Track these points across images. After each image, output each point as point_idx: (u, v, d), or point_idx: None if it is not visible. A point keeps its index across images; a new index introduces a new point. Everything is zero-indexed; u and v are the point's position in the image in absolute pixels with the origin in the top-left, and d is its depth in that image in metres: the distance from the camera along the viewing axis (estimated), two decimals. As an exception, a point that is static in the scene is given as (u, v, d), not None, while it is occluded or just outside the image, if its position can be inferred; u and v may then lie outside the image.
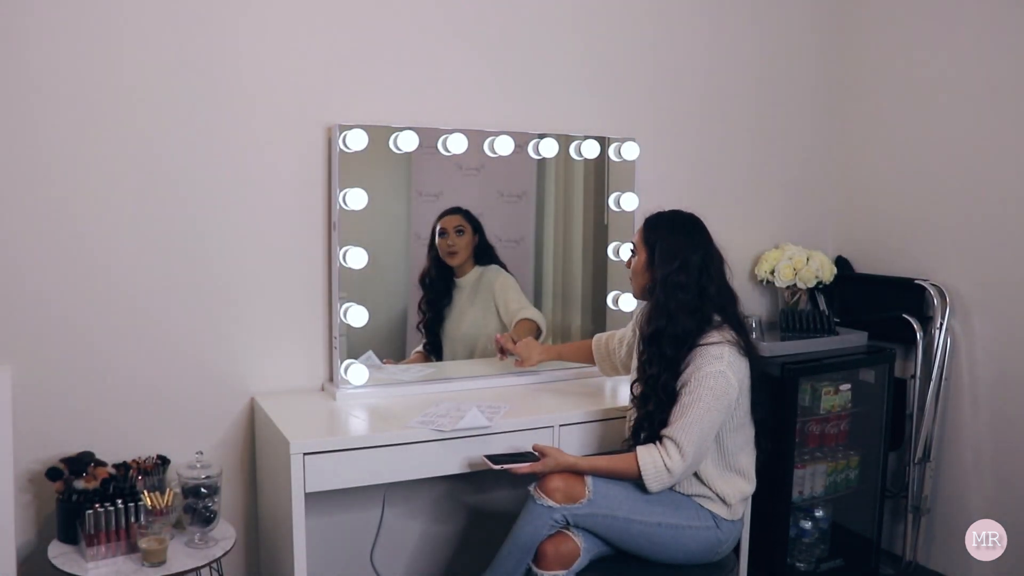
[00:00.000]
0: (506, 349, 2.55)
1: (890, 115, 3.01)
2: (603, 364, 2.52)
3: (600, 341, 2.52)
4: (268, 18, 2.31)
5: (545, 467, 2.01)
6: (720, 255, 2.10)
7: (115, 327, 2.21)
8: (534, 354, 2.55)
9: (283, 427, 2.07)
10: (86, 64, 2.12)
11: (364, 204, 2.35)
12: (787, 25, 3.09)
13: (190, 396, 2.31)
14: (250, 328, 2.36)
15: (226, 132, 2.28)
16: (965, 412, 2.77)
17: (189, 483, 2.02)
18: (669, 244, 2.06)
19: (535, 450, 2.05)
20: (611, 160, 2.75)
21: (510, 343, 2.55)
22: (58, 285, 2.14)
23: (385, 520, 2.52)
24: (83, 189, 2.15)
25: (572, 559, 1.98)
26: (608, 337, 2.51)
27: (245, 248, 2.34)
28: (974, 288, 2.74)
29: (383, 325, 2.55)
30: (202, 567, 1.98)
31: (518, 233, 2.75)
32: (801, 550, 2.78)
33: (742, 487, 2.10)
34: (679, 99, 2.91)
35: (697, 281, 2.04)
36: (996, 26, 2.67)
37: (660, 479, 1.96)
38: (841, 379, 2.79)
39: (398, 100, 2.47)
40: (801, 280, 2.92)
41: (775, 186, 3.12)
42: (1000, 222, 2.66)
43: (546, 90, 2.68)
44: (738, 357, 2.01)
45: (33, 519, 2.16)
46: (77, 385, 2.18)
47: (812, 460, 2.76)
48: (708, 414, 1.95)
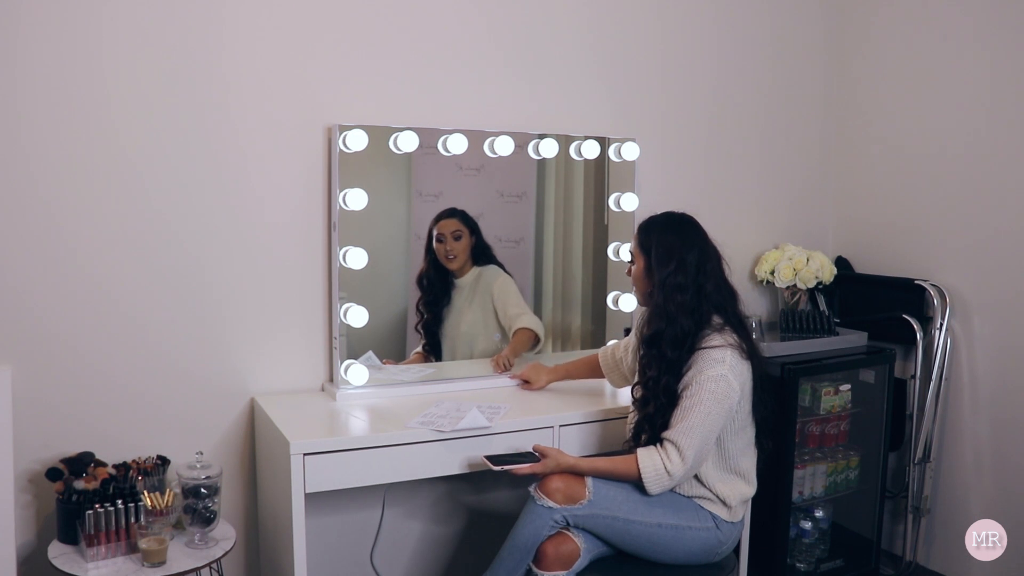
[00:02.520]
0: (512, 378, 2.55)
1: (890, 115, 3.01)
2: (612, 375, 2.47)
3: (606, 353, 2.48)
4: (268, 18, 2.30)
5: (545, 468, 2.00)
6: (717, 252, 2.10)
7: (115, 328, 2.21)
8: (542, 376, 2.52)
9: (283, 427, 2.07)
10: (84, 65, 2.12)
11: (364, 204, 2.34)
12: (787, 25, 3.09)
13: (190, 396, 2.30)
14: (250, 328, 2.36)
15: (226, 133, 2.28)
16: (965, 412, 2.77)
17: (189, 483, 2.02)
18: (664, 246, 2.06)
19: (535, 451, 2.05)
20: (611, 160, 2.75)
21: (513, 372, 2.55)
22: (58, 286, 2.14)
23: (385, 520, 2.52)
24: (83, 189, 2.15)
25: (572, 560, 1.98)
26: (613, 347, 2.48)
27: (245, 248, 2.33)
28: (974, 288, 2.74)
29: (383, 325, 2.55)
30: (202, 567, 1.98)
31: (518, 233, 2.75)
32: (801, 550, 2.78)
33: (743, 489, 2.10)
34: (679, 99, 2.91)
35: (695, 280, 2.04)
36: (996, 27, 2.67)
37: (660, 482, 1.96)
38: (841, 379, 2.79)
39: (398, 100, 2.47)
40: (801, 280, 2.92)
41: (775, 186, 3.12)
42: (1000, 223, 2.66)
43: (546, 90, 2.68)
44: (740, 360, 2.01)
45: (33, 519, 2.16)
46: (77, 386, 2.18)
47: (812, 460, 2.76)
48: (709, 417, 1.95)
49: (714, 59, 2.95)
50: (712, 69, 2.95)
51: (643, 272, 2.10)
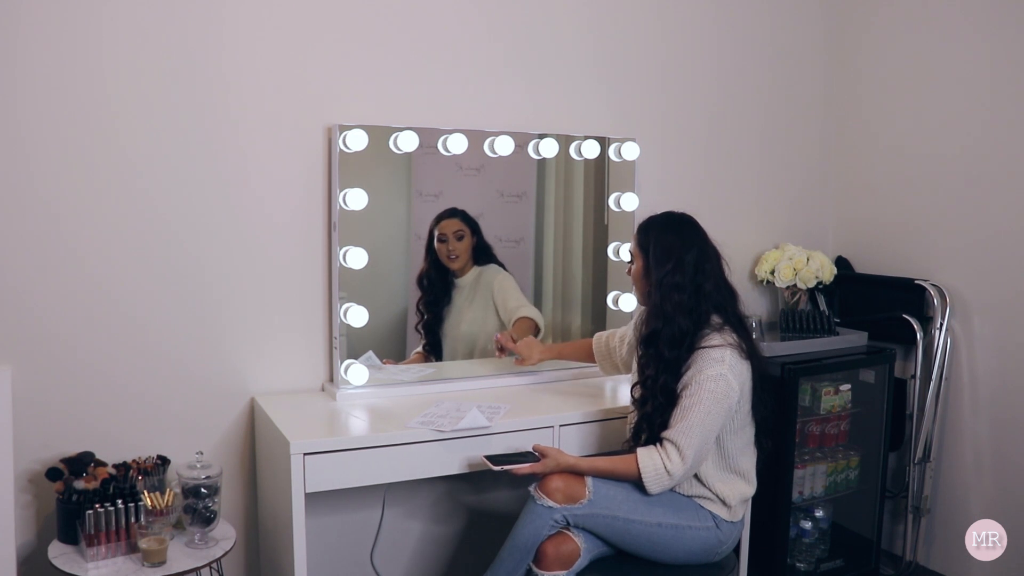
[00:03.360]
0: (506, 347, 2.56)
1: (890, 115, 3.01)
2: (604, 363, 2.51)
3: (600, 339, 2.52)
4: (268, 18, 2.30)
5: (545, 468, 2.00)
6: (717, 251, 2.09)
7: (115, 327, 2.21)
8: (535, 353, 2.55)
9: (283, 427, 2.07)
10: (83, 65, 2.12)
11: (364, 204, 2.34)
12: (788, 25, 3.09)
13: (190, 396, 2.30)
14: (250, 328, 2.36)
15: (226, 133, 2.28)
16: (965, 412, 2.77)
17: (189, 483, 2.02)
18: (662, 246, 2.06)
19: (535, 450, 2.05)
20: (611, 160, 2.75)
21: (510, 341, 2.55)
22: (58, 286, 2.14)
23: (385, 520, 2.52)
24: (83, 189, 2.14)
25: (572, 559, 1.98)
26: (609, 335, 2.51)
27: (245, 248, 2.33)
28: (974, 288, 2.74)
29: (383, 325, 2.55)
30: (202, 567, 1.98)
31: (518, 233, 2.75)
32: (801, 550, 2.78)
33: (742, 489, 2.10)
34: (680, 99, 2.91)
35: (693, 279, 2.03)
36: (996, 26, 2.67)
37: (660, 481, 1.96)
38: (841, 379, 2.79)
39: (398, 100, 2.47)
40: (801, 280, 2.92)
41: (775, 186, 3.12)
42: (1000, 222, 2.66)
43: (546, 90, 2.68)
44: (739, 360, 2.00)
45: (33, 519, 2.16)
46: (77, 385, 2.18)
47: (812, 460, 2.76)
48: (708, 417, 1.95)
49: (714, 59, 2.95)
50: (712, 69, 2.95)
51: (642, 272, 2.10)
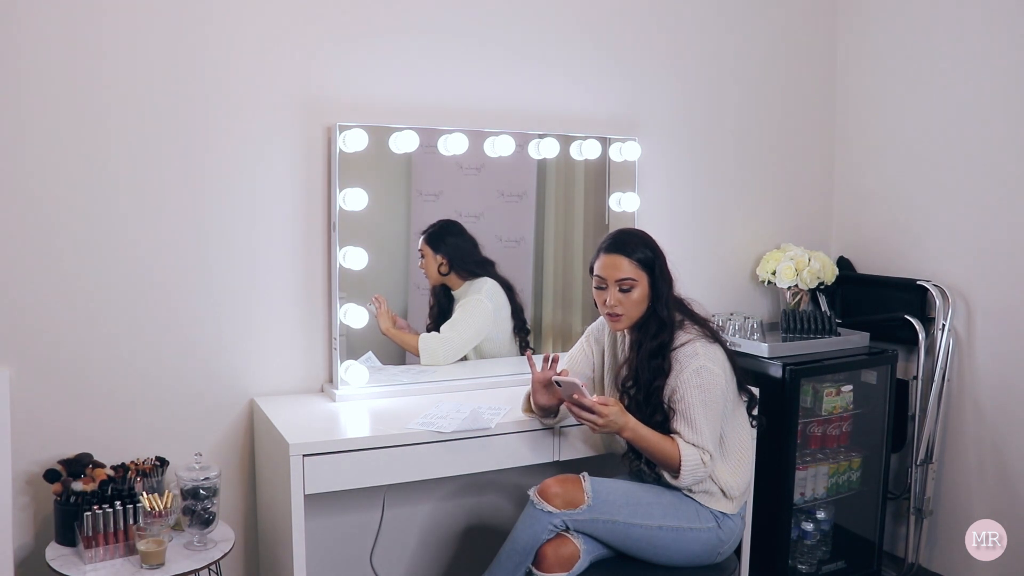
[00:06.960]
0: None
1: (892, 115, 3.00)
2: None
3: None
4: (268, 17, 2.30)
5: (606, 416, 1.92)
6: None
7: (113, 328, 2.20)
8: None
9: (282, 428, 2.06)
10: (82, 66, 2.11)
11: (364, 204, 2.34)
12: (789, 26, 3.08)
13: (189, 397, 2.30)
14: (249, 329, 2.35)
15: (225, 132, 2.27)
16: (967, 413, 2.76)
17: (188, 485, 2.01)
18: (662, 258, 2.09)
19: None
20: (612, 160, 2.74)
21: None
22: (57, 287, 2.13)
23: (385, 522, 2.51)
24: (82, 189, 2.14)
25: (572, 562, 1.97)
26: None
27: (244, 248, 2.33)
28: (976, 289, 2.73)
29: (383, 326, 2.54)
30: (201, 569, 1.97)
31: (518, 233, 2.74)
32: (803, 552, 2.77)
33: (742, 473, 2.11)
34: (681, 99, 2.90)
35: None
36: (997, 26, 2.66)
37: (695, 473, 1.99)
38: (843, 380, 2.78)
39: (398, 100, 2.47)
40: (803, 281, 2.91)
41: (777, 186, 3.12)
42: (1003, 223, 2.65)
43: (547, 90, 2.67)
44: (709, 346, 2.04)
45: (31, 521, 2.15)
46: (75, 386, 2.17)
47: (814, 462, 2.75)
48: (707, 408, 1.99)
49: (716, 59, 2.95)
50: (714, 69, 2.95)
51: (647, 292, 2.07)
